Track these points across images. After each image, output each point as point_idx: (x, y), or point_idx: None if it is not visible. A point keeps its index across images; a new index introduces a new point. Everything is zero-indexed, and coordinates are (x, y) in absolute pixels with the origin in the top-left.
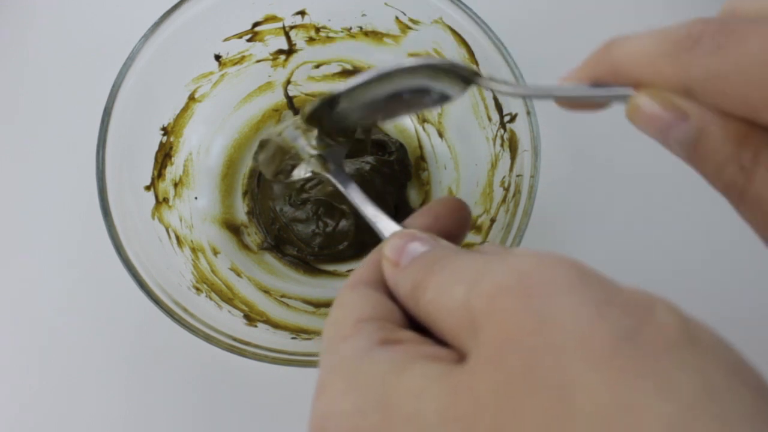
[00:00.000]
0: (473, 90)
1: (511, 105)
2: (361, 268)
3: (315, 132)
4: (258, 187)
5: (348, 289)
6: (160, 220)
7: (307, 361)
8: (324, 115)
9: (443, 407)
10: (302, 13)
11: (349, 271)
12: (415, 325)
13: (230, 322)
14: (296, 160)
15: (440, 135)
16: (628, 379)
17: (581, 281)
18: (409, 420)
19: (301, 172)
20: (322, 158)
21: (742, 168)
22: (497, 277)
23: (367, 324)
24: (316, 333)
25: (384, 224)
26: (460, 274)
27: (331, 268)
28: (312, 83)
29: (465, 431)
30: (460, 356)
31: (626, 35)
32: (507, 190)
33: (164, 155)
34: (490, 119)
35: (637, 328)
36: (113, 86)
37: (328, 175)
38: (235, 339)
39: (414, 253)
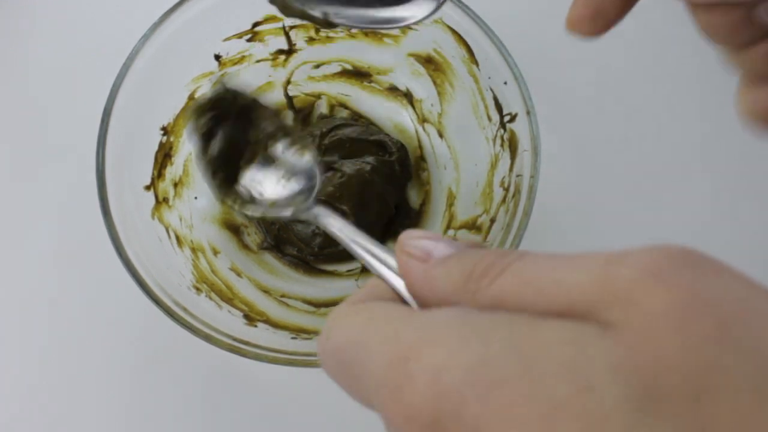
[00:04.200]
0: (473, 90)
1: (511, 105)
2: (352, 297)
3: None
4: None
5: (350, 307)
6: (160, 220)
7: (307, 361)
8: None
9: (617, 359)
10: None
11: (349, 271)
12: None
13: (230, 322)
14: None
15: (440, 135)
16: None
17: (726, 266)
18: (569, 368)
19: (260, 210)
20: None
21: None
22: (651, 253)
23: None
24: (316, 333)
25: (382, 255)
26: (564, 263)
27: (331, 268)
28: (312, 83)
29: (652, 382)
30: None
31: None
32: (507, 190)
33: (164, 155)
34: (490, 119)
35: None
36: (113, 86)
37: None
38: (235, 339)
39: (447, 251)
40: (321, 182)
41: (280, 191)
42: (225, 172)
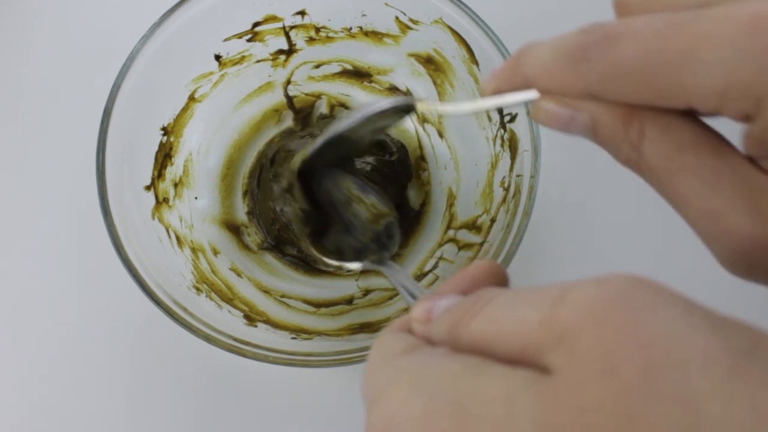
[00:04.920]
0: (473, 90)
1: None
2: (387, 328)
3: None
4: (258, 187)
5: (383, 335)
6: (160, 220)
7: (307, 361)
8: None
9: (540, 416)
10: (302, 13)
11: (349, 271)
12: None
13: (230, 322)
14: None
15: (440, 135)
16: (760, 394)
17: (680, 299)
18: (496, 425)
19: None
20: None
21: (632, 145)
22: (589, 291)
23: (422, 345)
24: (316, 333)
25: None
26: (523, 300)
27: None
28: (312, 83)
29: None
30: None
31: (531, 45)
32: (507, 190)
33: (164, 155)
34: (490, 119)
35: (754, 348)
36: (113, 86)
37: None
38: (235, 339)
39: (444, 308)
40: (399, 242)
41: (363, 248)
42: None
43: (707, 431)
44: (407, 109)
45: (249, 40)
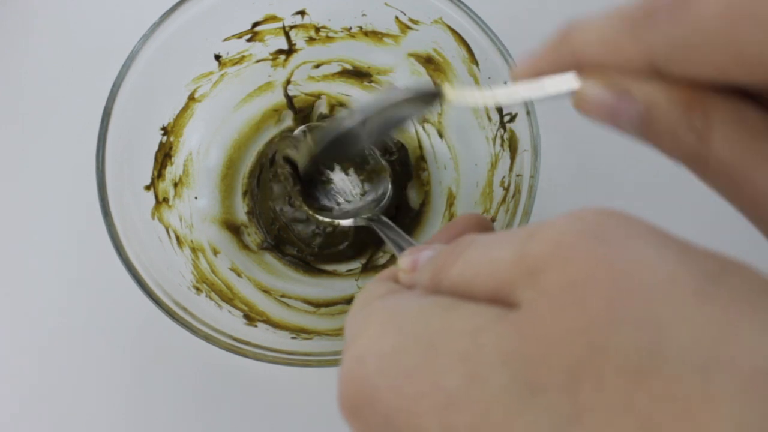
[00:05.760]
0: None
1: (511, 105)
2: (374, 278)
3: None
4: (258, 187)
5: (369, 284)
6: (160, 220)
7: (307, 361)
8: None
9: (507, 346)
10: (302, 13)
11: (349, 271)
12: None
13: (230, 322)
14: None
15: (440, 135)
16: (724, 316)
17: (653, 230)
18: (463, 358)
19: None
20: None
21: (696, 133)
22: (558, 226)
23: (401, 290)
24: (316, 333)
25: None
26: (498, 241)
27: (331, 268)
28: (312, 83)
29: (535, 370)
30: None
31: (580, 20)
32: (507, 190)
33: (164, 155)
34: (490, 119)
35: (721, 272)
36: (113, 86)
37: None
38: (235, 339)
39: (428, 257)
40: (390, 197)
41: (355, 202)
42: (308, 180)
43: (670, 355)
44: (432, 96)
45: (249, 40)
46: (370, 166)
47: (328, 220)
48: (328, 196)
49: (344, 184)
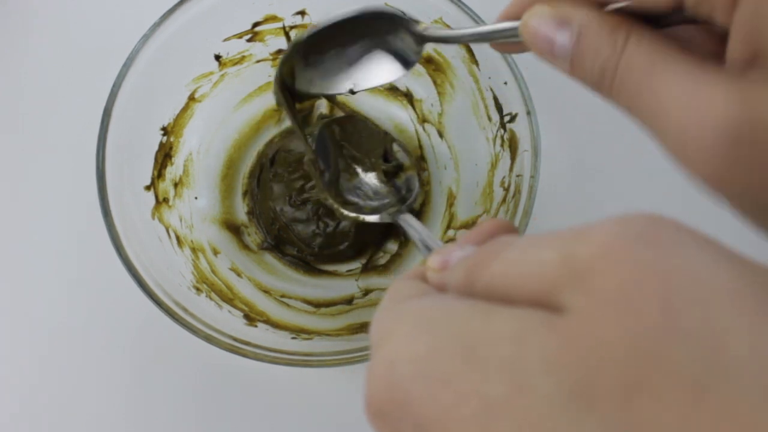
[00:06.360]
0: (473, 90)
1: (512, 105)
2: (401, 276)
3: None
4: (258, 187)
5: (396, 282)
6: (160, 220)
7: (307, 361)
8: (294, 75)
9: (553, 353)
10: (302, 13)
11: (349, 271)
12: None
13: (230, 322)
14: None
15: (440, 135)
16: None
17: (703, 239)
18: (506, 364)
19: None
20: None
21: (614, 47)
22: (607, 229)
23: (433, 291)
24: (317, 333)
25: (433, 244)
26: (540, 242)
27: (331, 268)
28: None
29: (585, 379)
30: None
31: None
32: (507, 190)
33: (164, 155)
34: (490, 119)
35: None
36: (113, 86)
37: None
38: (235, 339)
39: (460, 257)
40: (417, 194)
41: (381, 198)
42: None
43: (731, 367)
44: (399, 23)
45: (249, 40)
46: (397, 163)
47: (353, 215)
48: (354, 192)
49: (370, 179)
